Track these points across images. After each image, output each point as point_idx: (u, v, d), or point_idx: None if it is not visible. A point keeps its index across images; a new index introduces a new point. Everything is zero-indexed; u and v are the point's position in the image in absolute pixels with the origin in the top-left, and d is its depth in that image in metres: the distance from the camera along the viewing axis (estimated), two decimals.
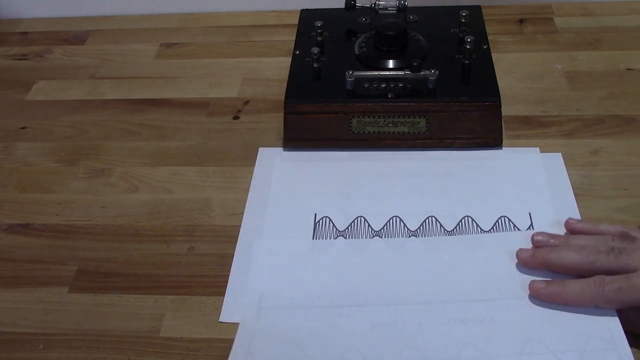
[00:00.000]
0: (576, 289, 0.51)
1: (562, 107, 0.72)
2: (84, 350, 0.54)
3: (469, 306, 0.53)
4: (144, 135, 0.74)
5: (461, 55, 0.71)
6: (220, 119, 0.75)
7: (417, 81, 0.68)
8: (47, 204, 0.67)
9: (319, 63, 0.71)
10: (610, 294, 0.49)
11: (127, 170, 0.70)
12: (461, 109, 0.67)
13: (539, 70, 0.78)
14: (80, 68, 0.86)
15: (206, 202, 0.66)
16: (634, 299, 0.48)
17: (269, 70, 0.82)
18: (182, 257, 0.61)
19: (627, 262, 0.49)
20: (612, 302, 0.50)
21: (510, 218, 0.60)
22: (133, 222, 0.64)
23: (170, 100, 0.79)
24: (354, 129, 0.68)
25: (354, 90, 0.68)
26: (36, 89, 0.83)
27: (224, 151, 0.71)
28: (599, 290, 0.49)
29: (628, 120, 0.70)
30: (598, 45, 0.81)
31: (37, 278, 0.60)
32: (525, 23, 0.86)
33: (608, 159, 0.66)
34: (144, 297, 0.58)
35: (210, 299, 0.57)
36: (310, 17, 0.77)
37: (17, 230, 0.65)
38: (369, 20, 0.77)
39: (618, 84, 0.75)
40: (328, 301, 0.55)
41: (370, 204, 0.63)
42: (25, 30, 0.94)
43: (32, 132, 0.76)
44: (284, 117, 0.69)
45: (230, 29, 0.90)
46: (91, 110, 0.79)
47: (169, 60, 0.86)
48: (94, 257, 0.61)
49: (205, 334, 0.54)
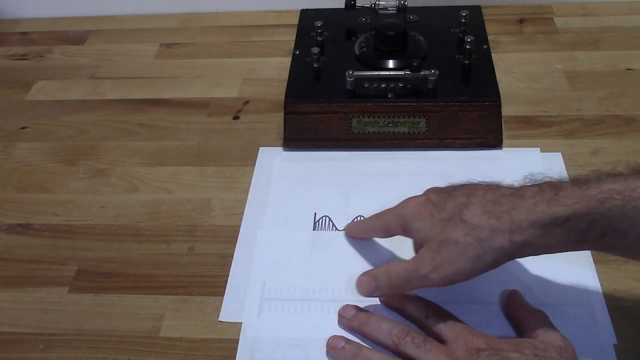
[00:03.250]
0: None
1: (562, 107, 0.72)
2: (84, 350, 0.54)
3: (468, 308, 0.53)
4: (144, 135, 0.74)
5: (461, 55, 0.71)
6: (220, 119, 0.75)
7: (417, 81, 0.68)
8: (47, 204, 0.67)
9: (319, 63, 0.71)
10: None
11: (127, 170, 0.70)
12: (461, 109, 0.67)
13: (539, 70, 0.78)
14: (80, 68, 0.86)
15: (206, 202, 0.66)
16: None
17: (269, 70, 0.82)
18: (182, 257, 0.61)
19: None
20: None
21: None
22: (133, 222, 0.64)
23: (170, 100, 0.79)
24: (354, 129, 0.68)
25: (354, 90, 0.68)
26: (36, 89, 0.83)
27: (224, 151, 0.71)
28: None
29: (628, 120, 0.70)
30: (598, 45, 0.81)
31: (37, 278, 0.60)
32: (525, 23, 0.86)
33: (608, 159, 0.66)
34: (144, 297, 0.58)
35: (210, 299, 0.57)
36: (310, 17, 0.77)
37: (17, 230, 0.65)
38: (369, 20, 0.77)
39: (618, 84, 0.75)
40: (328, 295, 0.56)
41: (370, 204, 0.63)
42: (25, 30, 0.94)
43: (32, 132, 0.76)
44: (284, 117, 0.69)
45: (230, 29, 0.90)
46: (91, 110, 0.79)
47: (169, 60, 0.86)
48: (94, 257, 0.61)
49: (205, 334, 0.54)
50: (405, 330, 0.49)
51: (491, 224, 0.46)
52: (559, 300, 0.53)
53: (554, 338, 0.47)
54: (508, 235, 0.46)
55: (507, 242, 0.46)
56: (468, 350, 0.47)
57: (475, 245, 0.47)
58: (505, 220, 0.46)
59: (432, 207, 0.50)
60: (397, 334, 0.49)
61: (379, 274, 0.52)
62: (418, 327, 0.51)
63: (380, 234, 0.57)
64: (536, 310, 0.51)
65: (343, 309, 0.54)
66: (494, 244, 0.46)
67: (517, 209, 0.46)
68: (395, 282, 0.51)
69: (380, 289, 0.52)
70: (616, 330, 0.51)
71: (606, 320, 0.52)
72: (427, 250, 0.49)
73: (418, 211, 0.51)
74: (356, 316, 0.53)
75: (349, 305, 0.54)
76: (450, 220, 0.48)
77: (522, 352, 0.46)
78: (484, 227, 0.47)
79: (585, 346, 0.50)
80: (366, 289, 0.53)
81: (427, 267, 0.48)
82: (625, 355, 0.50)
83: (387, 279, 0.51)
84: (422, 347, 0.48)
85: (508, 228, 0.46)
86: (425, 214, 0.50)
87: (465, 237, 0.47)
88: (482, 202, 0.48)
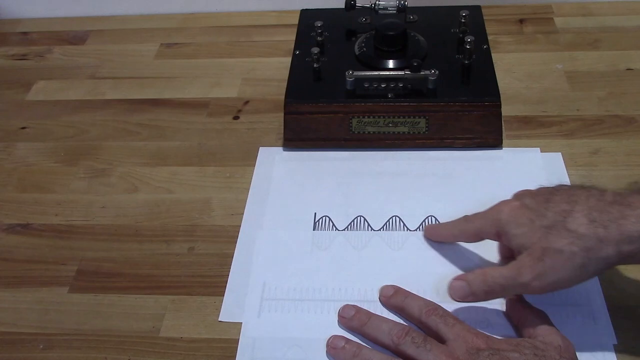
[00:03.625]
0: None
1: (562, 107, 0.72)
2: (84, 350, 0.54)
3: (467, 309, 0.53)
4: (144, 135, 0.74)
5: (461, 55, 0.71)
6: (220, 119, 0.75)
7: (417, 81, 0.68)
8: (47, 204, 0.67)
9: (319, 63, 0.71)
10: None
11: (127, 170, 0.70)
12: (461, 109, 0.67)
13: (539, 70, 0.78)
14: (80, 68, 0.86)
15: (206, 202, 0.66)
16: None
17: (269, 70, 0.82)
18: (182, 257, 0.61)
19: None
20: None
21: None
22: (133, 222, 0.64)
23: (170, 100, 0.79)
24: (354, 129, 0.68)
25: (354, 90, 0.68)
26: (36, 89, 0.83)
27: (224, 151, 0.71)
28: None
29: (628, 120, 0.70)
30: (598, 45, 0.81)
31: (37, 278, 0.60)
32: (525, 23, 0.86)
33: (608, 159, 0.66)
34: (144, 297, 0.58)
35: (210, 299, 0.57)
36: (310, 17, 0.77)
37: (17, 230, 0.65)
38: (369, 20, 0.77)
39: (618, 84, 0.75)
40: (328, 295, 0.56)
41: (370, 204, 0.63)
42: (25, 30, 0.94)
43: (32, 132, 0.76)
44: (284, 117, 0.69)
45: (230, 29, 0.90)
46: (91, 110, 0.79)
47: (169, 60, 0.86)
48: (94, 257, 0.61)
49: (205, 334, 0.54)
50: (405, 330, 0.49)
51: (598, 234, 0.46)
52: (559, 300, 0.53)
53: (554, 338, 0.47)
54: (616, 245, 0.45)
55: (614, 253, 0.46)
56: (468, 350, 0.47)
57: (581, 255, 0.46)
58: (613, 230, 0.46)
59: (531, 213, 0.49)
60: (397, 334, 0.49)
61: (474, 279, 0.51)
62: (418, 327, 0.51)
63: (469, 238, 0.56)
64: (536, 310, 0.51)
65: (343, 309, 0.54)
66: (600, 254, 0.46)
67: (625, 219, 0.46)
68: (492, 288, 0.50)
69: (475, 294, 0.51)
70: (616, 330, 0.51)
71: (606, 320, 0.52)
72: (528, 258, 0.48)
73: (515, 216, 0.50)
74: (356, 316, 0.53)
75: (349, 305, 0.54)
76: (552, 227, 0.48)
77: (522, 352, 0.46)
78: (590, 237, 0.46)
79: (585, 346, 0.50)
80: (460, 294, 0.52)
81: (528, 275, 0.48)
82: (625, 355, 0.50)
83: (483, 285, 0.50)
84: (422, 347, 0.48)
85: (616, 238, 0.45)
86: (523, 220, 0.49)
87: (570, 246, 0.46)
88: (586, 210, 0.47)
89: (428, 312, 0.51)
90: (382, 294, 0.55)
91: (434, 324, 0.50)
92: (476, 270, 0.52)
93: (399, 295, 0.54)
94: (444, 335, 0.49)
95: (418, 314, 0.51)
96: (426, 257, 0.58)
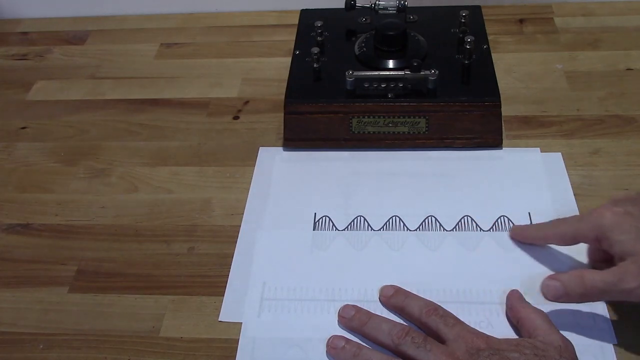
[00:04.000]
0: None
1: (562, 107, 0.72)
2: (84, 351, 0.54)
3: (467, 309, 0.53)
4: (144, 135, 0.74)
5: (461, 55, 0.71)
6: (220, 119, 0.75)
7: (417, 81, 0.68)
8: (47, 204, 0.67)
9: (319, 63, 0.71)
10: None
11: (127, 170, 0.70)
12: (461, 109, 0.66)
13: (539, 70, 0.78)
14: (80, 68, 0.86)
15: (206, 202, 0.66)
16: None
17: (269, 70, 0.82)
18: (182, 257, 0.61)
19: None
20: None
21: (510, 218, 0.60)
22: (133, 222, 0.64)
23: (170, 100, 0.79)
24: (354, 129, 0.68)
25: (354, 90, 0.68)
26: (36, 89, 0.83)
27: (224, 151, 0.71)
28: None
29: (628, 120, 0.70)
30: (598, 45, 0.81)
31: (37, 278, 0.60)
32: (525, 23, 0.86)
33: (608, 159, 0.66)
34: (144, 297, 0.58)
35: (210, 299, 0.57)
36: (310, 17, 0.77)
37: (17, 230, 0.65)
38: (369, 20, 0.77)
39: (618, 84, 0.75)
40: (328, 295, 0.56)
41: (370, 204, 0.63)
42: (25, 30, 0.94)
43: (32, 132, 0.76)
44: (284, 117, 0.69)
45: (230, 29, 0.90)
46: (91, 110, 0.79)
47: (169, 60, 0.86)
48: (94, 257, 0.62)
49: (205, 334, 0.54)
50: (405, 330, 0.49)
51: None
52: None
53: (554, 338, 0.47)
54: None
55: None
56: (468, 350, 0.47)
57: None
58: None
59: (636, 221, 0.49)
60: (397, 334, 0.49)
61: (570, 280, 0.50)
62: (418, 327, 0.51)
63: (565, 241, 0.55)
64: (536, 310, 0.51)
65: (343, 309, 0.54)
66: None
67: None
68: (589, 291, 0.49)
69: (570, 296, 0.50)
70: (616, 330, 0.51)
71: (606, 320, 0.52)
72: (633, 265, 0.48)
73: (619, 223, 0.50)
74: (356, 316, 0.53)
75: (349, 305, 0.54)
76: None
77: (522, 352, 0.46)
78: None
79: (585, 346, 0.50)
80: (554, 294, 0.51)
81: (632, 282, 0.47)
82: (625, 355, 0.50)
83: (581, 287, 0.50)
84: (422, 347, 0.48)
85: None
86: (628, 227, 0.49)
87: None
88: None
89: (428, 312, 0.51)
90: (382, 294, 0.55)
91: (434, 324, 0.50)
92: (571, 272, 0.51)
93: (399, 295, 0.54)
94: (444, 335, 0.49)
95: (418, 314, 0.51)
96: (426, 257, 0.58)
